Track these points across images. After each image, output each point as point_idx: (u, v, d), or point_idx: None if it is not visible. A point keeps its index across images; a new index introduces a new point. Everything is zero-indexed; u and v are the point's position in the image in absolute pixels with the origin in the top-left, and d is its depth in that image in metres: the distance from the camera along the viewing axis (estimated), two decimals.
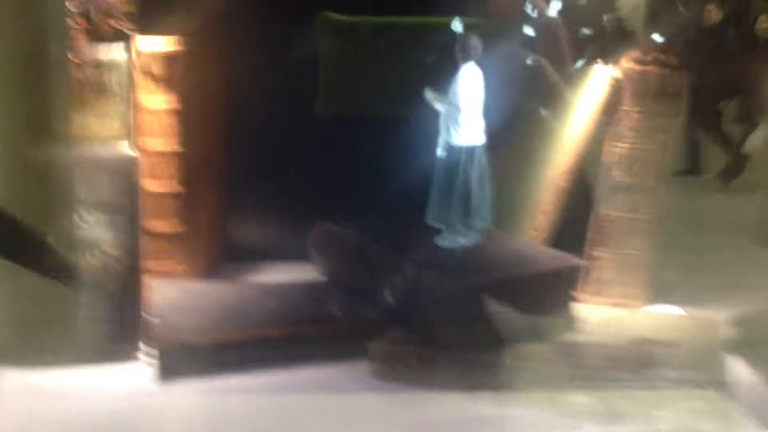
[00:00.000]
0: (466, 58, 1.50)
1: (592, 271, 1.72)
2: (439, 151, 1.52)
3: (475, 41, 1.50)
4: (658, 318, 1.59)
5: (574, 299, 1.68)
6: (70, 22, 1.56)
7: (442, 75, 1.53)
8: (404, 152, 1.62)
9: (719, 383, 1.35)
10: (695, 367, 1.36)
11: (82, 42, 1.49)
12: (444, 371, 1.36)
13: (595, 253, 1.71)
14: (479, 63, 1.50)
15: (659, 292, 1.75)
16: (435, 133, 1.52)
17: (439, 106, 1.50)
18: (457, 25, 1.50)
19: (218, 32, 1.77)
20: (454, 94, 1.50)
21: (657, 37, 1.59)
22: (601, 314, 1.59)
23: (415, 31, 1.64)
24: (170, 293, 1.51)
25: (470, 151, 1.51)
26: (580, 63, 1.77)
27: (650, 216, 1.70)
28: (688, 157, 2.86)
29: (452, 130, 1.50)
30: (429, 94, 1.50)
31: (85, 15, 1.63)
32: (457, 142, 1.51)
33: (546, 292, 1.49)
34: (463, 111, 1.49)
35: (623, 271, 1.73)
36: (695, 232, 2.09)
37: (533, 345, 1.42)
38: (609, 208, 1.70)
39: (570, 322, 1.51)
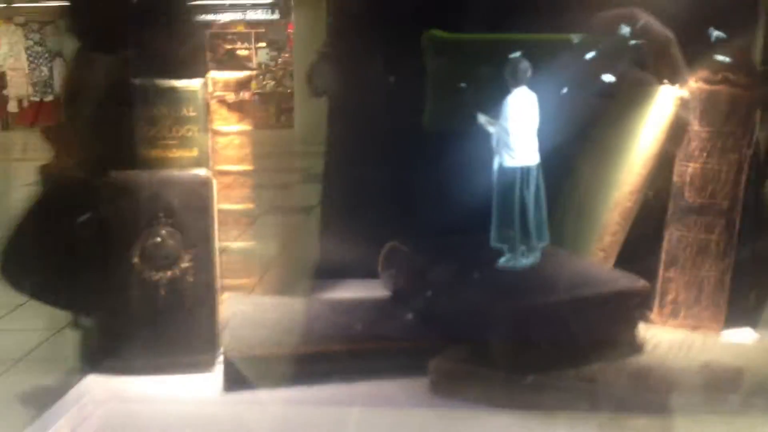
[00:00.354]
0: (517, 83, 1.51)
1: (667, 294, 1.69)
2: (495, 174, 1.53)
3: (525, 65, 1.51)
4: (732, 343, 1.55)
5: (645, 321, 1.65)
6: None
7: (545, 92, 1.55)
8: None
9: None
10: (766, 394, 1.32)
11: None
12: (503, 391, 1.36)
13: (670, 275, 1.68)
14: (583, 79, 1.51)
15: (739, 316, 1.70)
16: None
17: (491, 129, 1.52)
18: (575, 38, 1.50)
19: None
20: (504, 118, 1.51)
21: (723, 57, 1.56)
22: (673, 337, 1.55)
23: (519, 48, 1.66)
24: (241, 307, 1.58)
25: (524, 172, 1.52)
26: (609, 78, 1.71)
27: (726, 237, 1.66)
28: None
29: (504, 153, 1.51)
30: (481, 118, 1.52)
31: None
32: (509, 164, 1.52)
33: (610, 314, 1.47)
34: (513, 134, 1.51)
35: (699, 293, 1.69)
36: None
37: (597, 367, 1.41)
38: (682, 229, 1.67)
39: (638, 345, 1.48)
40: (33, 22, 13.00)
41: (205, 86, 1.63)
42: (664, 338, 1.52)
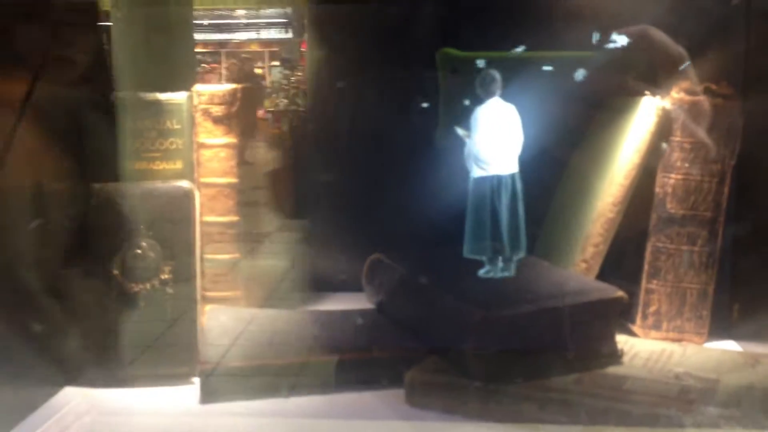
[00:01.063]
0: (488, 94, 1.52)
1: (649, 305, 1.68)
2: (469, 185, 1.54)
3: (493, 76, 1.52)
4: (712, 354, 1.53)
5: (627, 333, 1.65)
6: None
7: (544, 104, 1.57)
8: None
9: None
10: (745, 406, 1.31)
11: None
12: (480, 402, 1.36)
13: (652, 286, 1.67)
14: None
15: (722, 328, 1.69)
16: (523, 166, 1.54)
17: (468, 141, 1.53)
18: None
19: None
20: (474, 129, 1.52)
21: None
22: (652, 348, 1.55)
23: (529, 64, 1.68)
24: (223, 319, 1.59)
25: (496, 183, 1.52)
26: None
27: (709, 248, 1.65)
28: None
29: (473, 164, 1.52)
30: (458, 131, 1.53)
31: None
32: (479, 175, 1.52)
33: (589, 324, 1.46)
34: (483, 145, 1.52)
35: (681, 304, 1.68)
36: None
37: (574, 377, 1.40)
38: (664, 240, 1.66)
39: (616, 356, 1.47)
40: None
41: (191, 99, 1.66)
42: (643, 348, 1.51)
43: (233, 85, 1.69)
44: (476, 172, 1.51)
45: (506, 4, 1.91)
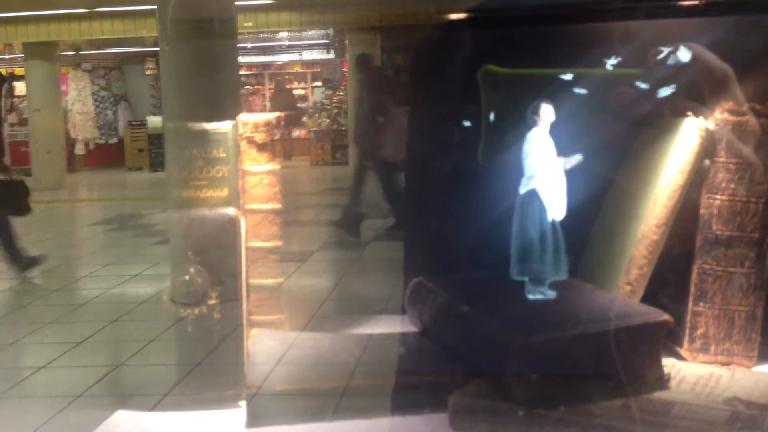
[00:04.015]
0: (534, 124, 1.54)
1: (696, 328, 1.65)
2: (516, 208, 1.55)
3: (546, 108, 1.54)
4: (761, 378, 1.50)
5: (675, 356, 1.63)
6: None
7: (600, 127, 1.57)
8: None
9: None
10: None
11: None
12: (524, 427, 1.36)
13: (699, 309, 1.64)
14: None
15: None
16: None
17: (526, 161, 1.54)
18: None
19: None
20: (524, 157, 1.54)
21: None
22: (700, 372, 1.52)
23: (571, 81, 1.69)
24: (268, 343, 1.62)
25: (543, 207, 1.53)
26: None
27: (757, 269, 1.62)
28: None
29: (524, 182, 1.54)
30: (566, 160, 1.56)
31: None
32: (526, 191, 1.54)
33: (634, 348, 1.45)
34: (531, 173, 1.53)
35: (730, 327, 1.64)
36: None
37: (619, 403, 1.39)
38: (711, 262, 1.63)
39: (662, 381, 1.46)
40: (99, 68, 13.56)
41: (236, 128, 1.70)
42: (691, 372, 1.49)
43: (276, 113, 1.73)
44: (524, 188, 1.53)
45: (548, 23, 1.91)
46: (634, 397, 1.39)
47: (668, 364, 1.51)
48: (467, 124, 1.80)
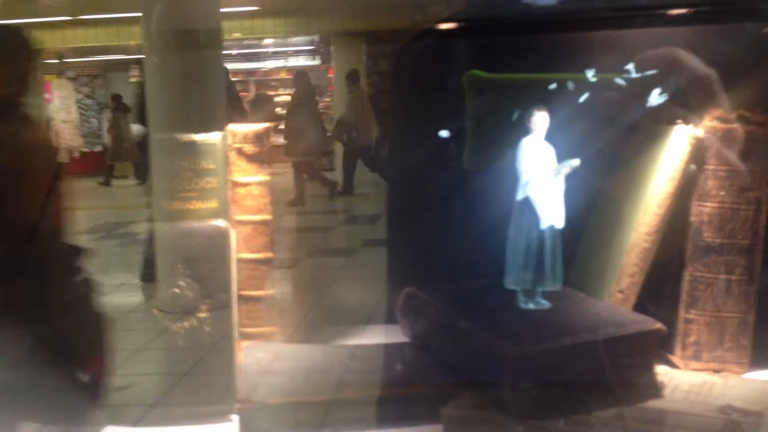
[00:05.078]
0: (530, 131, 1.54)
1: (688, 335, 1.66)
2: (512, 216, 1.55)
3: (541, 115, 1.53)
4: (754, 385, 1.51)
5: (667, 364, 1.63)
6: None
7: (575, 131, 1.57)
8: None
9: None
10: None
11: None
12: None
13: (690, 316, 1.65)
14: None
15: (763, 357, 1.66)
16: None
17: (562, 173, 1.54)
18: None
19: None
20: (519, 164, 1.54)
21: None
22: (693, 380, 1.52)
23: (556, 86, 1.68)
24: (260, 355, 1.60)
25: (539, 215, 1.53)
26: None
27: (747, 276, 1.63)
28: None
29: (520, 189, 1.54)
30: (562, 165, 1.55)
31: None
32: (522, 197, 1.53)
33: (627, 357, 1.45)
34: (526, 181, 1.53)
35: (721, 334, 1.65)
36: None
37: (614, 412, 1.39)
38: (702, 270, 1.64)
39: (656, 389, 1.46)
40: (83, 76, 13.48)
41: (225, 139, 1.69)
42: (684, 381, 1.49)
43: (266, 124, 1.72)
44: (520, 196, 1.52)
45: (535, 28, 1.91)
46: (628, 407, 1.38)
47: (661, 372, 1.51)
48: (456, 130, 1.80)
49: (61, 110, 13.14)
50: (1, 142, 1.64)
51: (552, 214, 1.55)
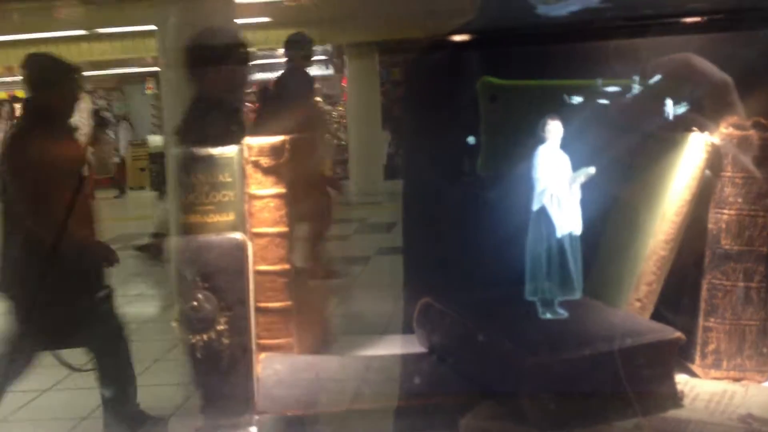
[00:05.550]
0: (545, 140, 1.54)
1: (707, 344, 1.65)
2: (530, 224, 1.55)
3: (555, 123, 1.53)
4: None
5: (686, 373, 1.62)
6: None
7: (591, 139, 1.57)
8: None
9: None
10: None
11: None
12: None
13: (709, 324, 1.64)
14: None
15: None
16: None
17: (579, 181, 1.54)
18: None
19: None
20: (535, 173, 1.54)
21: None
22: (713, 389, 1.52)
23: (572, 93, 1.69)
24: (277, 367, 1.61)
25: (556, 224, 1.53)
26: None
27: (767, 283, 1.62)
28: None
29: (536, 198, 1.54)
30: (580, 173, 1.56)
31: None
32: (544, 218, 1.53)
33: (646, 367, 1.44)
34: (542, 189, 1.53)
35: (741, 342, 1.64)
36: None
37: (633, 423, 1.38)
38: (720, 278, 1.63)
39: (676, 399, 1.45)
40: (100, 89, 13.66)
41: (241, 152, 1.69)
42: (704, 390, 1.48)
43: (282, 137, 1.73)
44: (536, 205, 1.53)
45: (548, 37, 1.92)
46: (648, 417, 1.38)
47: (681, 381, 1.50)
48: (472, 139, 1.80)
49: (78, 123, 13.31)
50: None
51: (569, 222, 1.55)
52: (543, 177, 1.55)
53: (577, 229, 1.54)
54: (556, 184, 1.54)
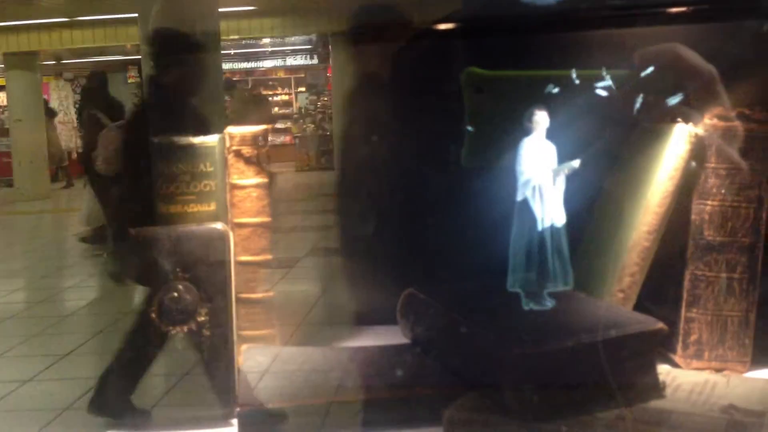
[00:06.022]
0: (531, 131, 1.53)
1: (690, 334, 1.65)
2: (515, 216, 1.54)
3: (541, 114, 1.53)
4: (756, 384, 1.50)
5: (668, 363, 1.62)
6: None
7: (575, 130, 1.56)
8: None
9: None
10: None
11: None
12: None
13: (692, 315, 1.64)
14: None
15: (765, 355, 1.65)
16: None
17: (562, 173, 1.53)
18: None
19: None
20: (519, 164, 1.53)
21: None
22: (695, 380, 1.52)
23: (556, 83, 1.68)
24: (259, 359, 1.60)
25: (540, 215, 1.52)
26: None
27: (749, 274, 1.62)
28: None
29: (520, 189, 1.53)
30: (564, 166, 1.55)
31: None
32: (526, 210, 1.53)
33: (629, 357, 1.44)
34: (526, 181, 1.52)
35: (723, 333, 1.65)
36: None
37: (616, 413, 1.38)
38: (702, 268, 1.64)
39: (658, 389, 1.45)
40: (81, 77, 13.51)
41: (223, 141, 1.68)
42: (686, 380, 1.48)
43: (263, 126, 1.71)
44: (520, 196, 1.52)
45: (532, 24, 1.91)
46: (630, 407, 1.38)
47: (663, 371, 1.50)
48: (455, 129, 1.79)
49: (59, 112, 13.16)
50: None
51: (553, 213, 1.54)
52: (527, 169, 1.54)
53: (560, 220, 1.53)
54: (540, 175, 1.53)
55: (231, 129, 1.68)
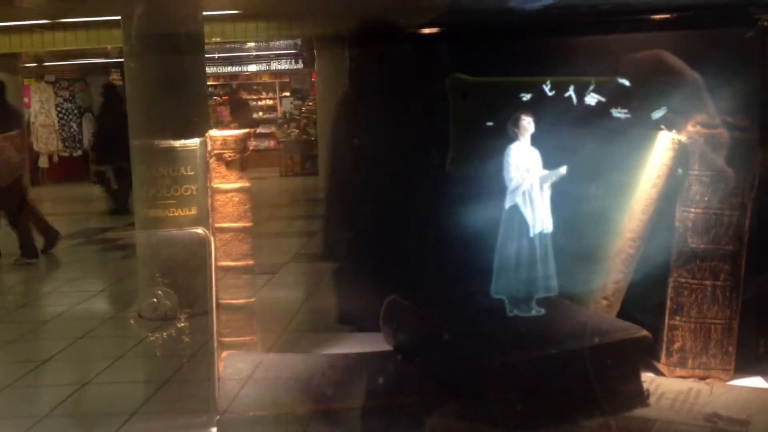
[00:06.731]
0: (516, 137, 1.53)
1: (673, 342, 1.65)
2: (501, 222, 1.53)
3: (527, 120, 1.52)
4: (740, 392, 1.50)
5: (652, 371, 1.62)
6: None
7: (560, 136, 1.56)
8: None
9: None
10: None
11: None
12: None
13: (675, 323, 1.64)
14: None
15: (748, 364, 1.65)
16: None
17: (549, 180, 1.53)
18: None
19: None
20: (506, 171, 1.53)
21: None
22: (679, 388, 1.51)
23: (540, 90, 1.67)
24: (240, 365, 1.57)
25: (528, 222, 1.51)
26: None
27: (732, 282, 1.62)
28: None
29: (508, 196, 1.52)
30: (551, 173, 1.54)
31: None
32: (516, 216, 1.52)
33: (612, 365, 1.43)
34: (515, 187, 1.52)
35: (706, 340, 1.64)
36: None
37: (599, 422, 1.37)
38: (686, 276, 1.63)
39: (642, 397, 1.44)
40: (63, 79, 13.36)
41: (204, 145, 1.65)
42: (669, 388, 1.48)
43: (246, 130, 1.69)
44: (508, 203, 1.51)
45: (517, 31, 1.90)
46: (614, 416, 1.37)
47: (647, 379, 1.50)
48: (440, 135, 1.78)
49: (40, 114, 13.01)
50: None
51: (541, 220, 1.54)
52: (515, 175, 1.53)
53: (549, 227, 1.52)
54: (528, 182, 1.52)
55: (213, 132, 1.66)
